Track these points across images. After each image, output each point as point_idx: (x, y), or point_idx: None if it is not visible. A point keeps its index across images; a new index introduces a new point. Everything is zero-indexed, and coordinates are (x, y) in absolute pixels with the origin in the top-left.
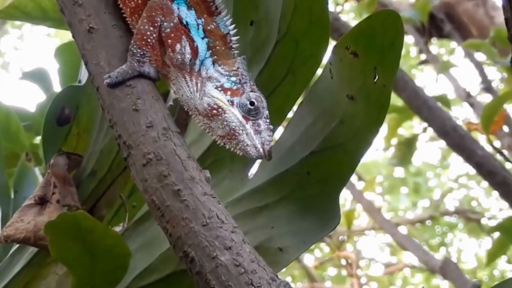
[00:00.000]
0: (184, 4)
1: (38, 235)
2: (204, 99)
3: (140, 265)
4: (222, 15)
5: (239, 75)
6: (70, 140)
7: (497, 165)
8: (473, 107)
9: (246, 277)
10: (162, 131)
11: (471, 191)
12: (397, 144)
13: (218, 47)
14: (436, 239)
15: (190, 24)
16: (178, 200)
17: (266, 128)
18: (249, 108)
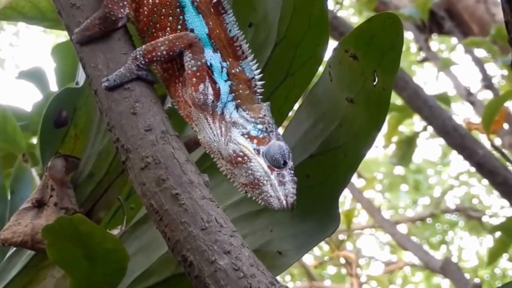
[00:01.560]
0: (210, 47)
1: (36, 239)
2: (230, 145)
3: (138, 268)
4: (248, 59)
5: (266, 123)
6: (67, 142)
7: (498, 164)
8: (473, 105)
9: (245, 281)
10: (160, 135)
11: (472, 188)
12: (398, 142)
13: (242, 90)
14: (437, 237)
15: (214, 66)
16: (176, 204)
17: (290, 180)
18: (275, 158)
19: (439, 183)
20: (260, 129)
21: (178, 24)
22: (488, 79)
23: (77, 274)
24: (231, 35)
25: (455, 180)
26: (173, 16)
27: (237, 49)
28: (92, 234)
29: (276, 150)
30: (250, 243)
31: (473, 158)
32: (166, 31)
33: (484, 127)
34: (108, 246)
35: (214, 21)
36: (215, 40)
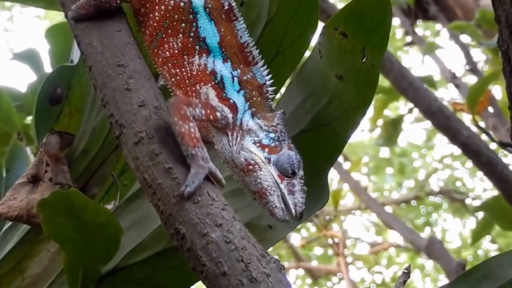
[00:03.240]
0: (220, 57)
1: (31, 213)
2: (242, 153)
3: (131, 242)
4: (259, 65)
5: (278, 132)
6: (62, 119)
7: (482, 145)
8: (458, 88)
9: (237, 253)
10: (153, 110)
11: (455, 171)
12: (383, 124)
13: (255, 97)
14: (421, 219)
15: (225, 78)
16: (169, 178)
17: (300, 190)
18: (284, 168)
19: (424, 166)
20: (272, 137)
21: (191, 31)
22: (473, 63)
23: (71, 248)
24: (242, 41)
25: (439, 163)
26: (186, 22)
27: (247, 55)
28: (86, 208)
29: (285, 159)
30: (241, 217)
31: (458, 138)
32: (178, 37)
33: (469, 108)
34: (102, 220)
35: (225, 27)
36: (225, 48)
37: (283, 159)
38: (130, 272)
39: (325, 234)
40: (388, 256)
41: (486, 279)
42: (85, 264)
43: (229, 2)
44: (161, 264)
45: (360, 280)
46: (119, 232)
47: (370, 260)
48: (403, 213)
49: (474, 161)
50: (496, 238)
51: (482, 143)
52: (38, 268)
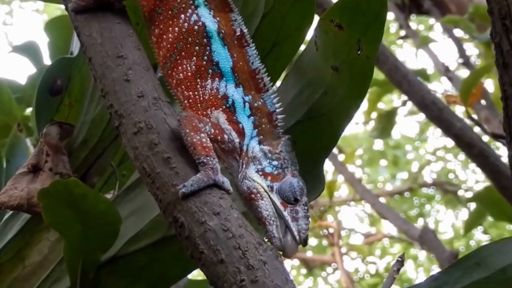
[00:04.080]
0: (232, 81)
1: (31, 202)
2: (245, 181)
3: (130, 231)
4: (269, 92)
5: (281, 159)
6: (62, 110)
7: (475, 137)
8: (451, 81)
9: (234, 241)
10: (152, 101)
11: (448, 164)
12: (377, 117)
13: (264, 125)
14: (414, 211)
15: (237, 102)
16: (168, 167)
17: (304, 216)
18: (286, 195)
19: (417, 158)
20: (275, 165)
21: (204, 54)
22: (466, 57)
23: (71, 236)
24: (254, 67)
25: (432, 156)
26: (199, 45)
27: (259, 81)
28: (86, 197)
29: (287, 187)
30: (238, 206)
31: (451, 130)
32: (192, 60)
33: (462, 100)
34: (101, 209)
35: (238, 53)
36: (238, 74)
37: (285, 187)
38: (129, 260)
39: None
40: (382, 247)
41: (478, 267)
42: (85, 252)
43: (240, 28)
44: (160, 253)
45: (354, 270)
46: (118, 220)
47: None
48: (396, 204)
49: (466, 152)
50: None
51: (474, 135)
52: (38, 257)
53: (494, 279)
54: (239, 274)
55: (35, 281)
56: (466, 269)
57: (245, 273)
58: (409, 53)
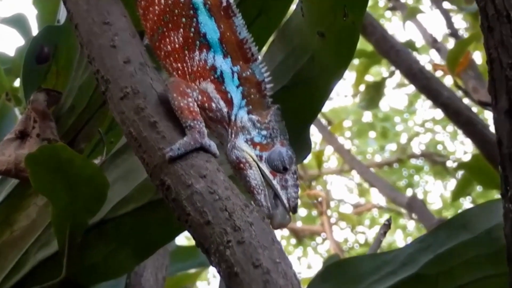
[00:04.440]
0: (220, 52)
1: (19, 167)
2: (234, 151)
3: (117, 195)
4: (257, 62)
5: (270, 129)
6: (49, 78)
7: (462, 105)
8: (439, 52)
9: (221, 203)
10: (139, 66)
11: (436, 135)
12: (366, 87)
13: (253, 95)
14: (403, 181)
15: (225, 73)
16: (154, 131)
17: (293, 185)
18: (275, 164)
19: (406, 130)
20: (263, 135)
21: (191, 26)
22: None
23: (58, 201)
24: (241, 37)
25: (420, 127)
26: (186, 17)
27: (247, 51)
28: (73, 162)
29: (276, 156)
30: (225, 169)
31: (438, 99)
32: (179, 32)
33: (449, 68)
34: (89, 173)
35: (224, 24)
36: (226, 44)
37: (274, 156)
38: (117, 224)
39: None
40: (371, 217)
41: (464, 229)
42: (72, 216)
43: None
44: (147, 217)
45: (344, 240)
46: (106, 185)
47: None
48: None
49: (454, 121)
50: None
51: (462, 104)
52: (26, 222)
53: (480, 241)
54: (225, 235)
55: (23, 245)
56: (452, 231)
57: (231, 234)
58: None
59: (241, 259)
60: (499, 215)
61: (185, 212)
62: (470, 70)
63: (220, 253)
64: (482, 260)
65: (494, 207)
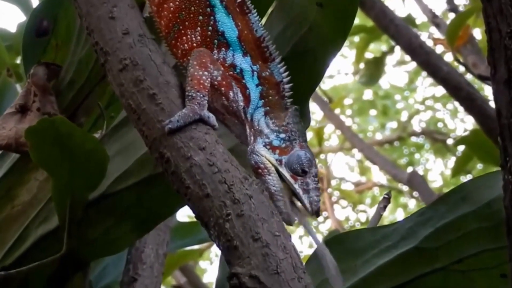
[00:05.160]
0: (239, 51)
1: (19, 142)
2: (252, 156)
3: (117, 169)
4: (276, 61)
5: (289, 132)
6: (49, 51)
7: (462, 80)
8: (438, 27)
9: (220, 176)
10: (137, 38)
11: (437, 113)
12: (366, 63)
13: (271, 96)
14: (404, 159)
15: (245, 71)
16: (153, 103)
17: (314, 188)
18: (294, 168)
19: (406, 107)
20: (282, 138)
21: (209, 24)
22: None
23: (58, 175)
24: (258, 35)
25: (421, 105)
26: (203, 15)
27: (265, 50)
28: (73, 135)
29: (294, 160)
30: (225, 141)
31: (438, 74)
32: (196, 30)
33: (449, 42)
34: (88, 147)
35: (241, 21)
36: (244, 43)
37: (293, 160)
38: (117, 198)
39: None
40: (372, 195)
41: (464, 201)
42: (73, 191)
43: None
44: (147, 191)
45: (345, 219)
46: (106, 158)
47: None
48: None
49: (453, 95)
50: None
51: (461, 78)
52: (27, 196)
53: (480, 213)
54: (225, 208)
55: (24, 220)
56: (452, 203)
57: (231, 207)
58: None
59: (240, 232)
60: (498, 187)
61: (184, 185)
62: (470, 45)
63: (220, 226)
64: (482, 233)
65: (494, 179)
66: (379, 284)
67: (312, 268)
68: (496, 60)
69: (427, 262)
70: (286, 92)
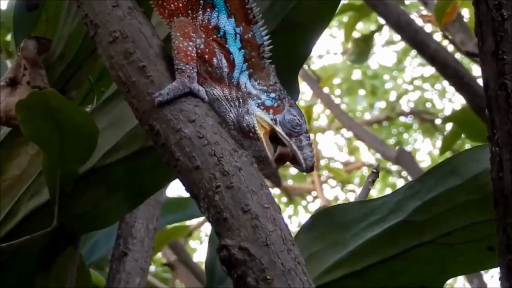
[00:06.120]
0: (224, 12)
1: (9, 115)
2: (246, 117)
3: (108, 142)
4: (259, 24)
5: (278, 91)
6: (39, 26)
7: (449, 57)
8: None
9: (209, 148)
10: (127, 10)
11: (425, 93)
12: (355, 40)
13: (254, 58)
14: (392, 139)
15: (228, 34)
16: (143, 76)
17: (307, 144)
18: (292, 125)
19: (395, 88)
20: (273, 97)
21: None
22: None
23: (49, 148)
24: None
25: (409, 85)
26: None
27: (248, 12)
28: (63, 109)
29: (289, 118)
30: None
31: (426, 51)
32: None
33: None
34: (79, 120)
35: None
36: (230, 3)
37: (287, 118)
38: (107, 172)
39: None
40: (360, 175)
41: (451, 175)
42: (63, 164)
43: None
44: (137, 164)
45: (334, 198)
46: (96, 132)
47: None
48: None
49: (441, 72)
50: None
51: (449, 56)
52: (17, 170)
53: (467, 186)
54: (214, 180)
55: (14, 194)
56: (440, 177)
57: (220, 179)
58: None
59: (230, 204)
60: (486, 160)
61: (174, 157)
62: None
63: (209, 198)
64: (470, 206)
65: (481, 153)
66: (367, 257)
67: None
68: (484, 32)
69: (415, 235)
70: (265, 53)
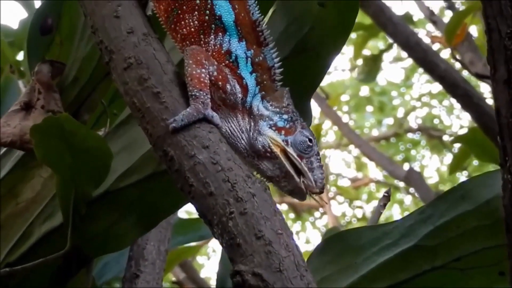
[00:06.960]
0: (235, 36)
1: (24, 139)
2: (259, 139)
3: (121, 166)
4: (269, 46)
5: (290, 112)
6: (53, 49)
7: (459, 78)
8: (436, 25)
9: (223, 174)
10: (142, 37)
11: (433, 109)
12: (364, 59)
13: (266, 81)
14: (400, 156)
15: (240, 58)
16: (158, 102)
17: (318, 166)
18: (303, 147)
19: (402, 104)
20: (285, 119)
21: (206, 8)
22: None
23: (62, 172)
24: (254, 18)
25: (417, 102)
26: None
27: (259, 34)
28: (77, 133)
29: (300, 140)
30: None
31: (435, 71)
32: (193, 14)
33: (447, 39)
34: (92, 144)
35: (238, 4)
36: (241, 27)
37: (299, 140)
38: (120, 195)
39: None
40: (368, 191)
41: (463, 200)
42: (77, 187)
43: None
44: (150, 188)
45: (342, 214)
46: (109, 156)
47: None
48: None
49: (451, 92)
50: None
51: (458, 76)
52: (31, 193)
53: (479, 212)
54: (228, 206)
55: (28, 217)
56: (452, 202)
57: (234, 205)
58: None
59: (243, 230)
60: (498, 186)
61: (188, 183)
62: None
63: (223, 224)
64: (481, 231)
65: (493, 178)
66: (379, 281)
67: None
68: (496, 61)
69: (427, 260)
70: (276, 76)
